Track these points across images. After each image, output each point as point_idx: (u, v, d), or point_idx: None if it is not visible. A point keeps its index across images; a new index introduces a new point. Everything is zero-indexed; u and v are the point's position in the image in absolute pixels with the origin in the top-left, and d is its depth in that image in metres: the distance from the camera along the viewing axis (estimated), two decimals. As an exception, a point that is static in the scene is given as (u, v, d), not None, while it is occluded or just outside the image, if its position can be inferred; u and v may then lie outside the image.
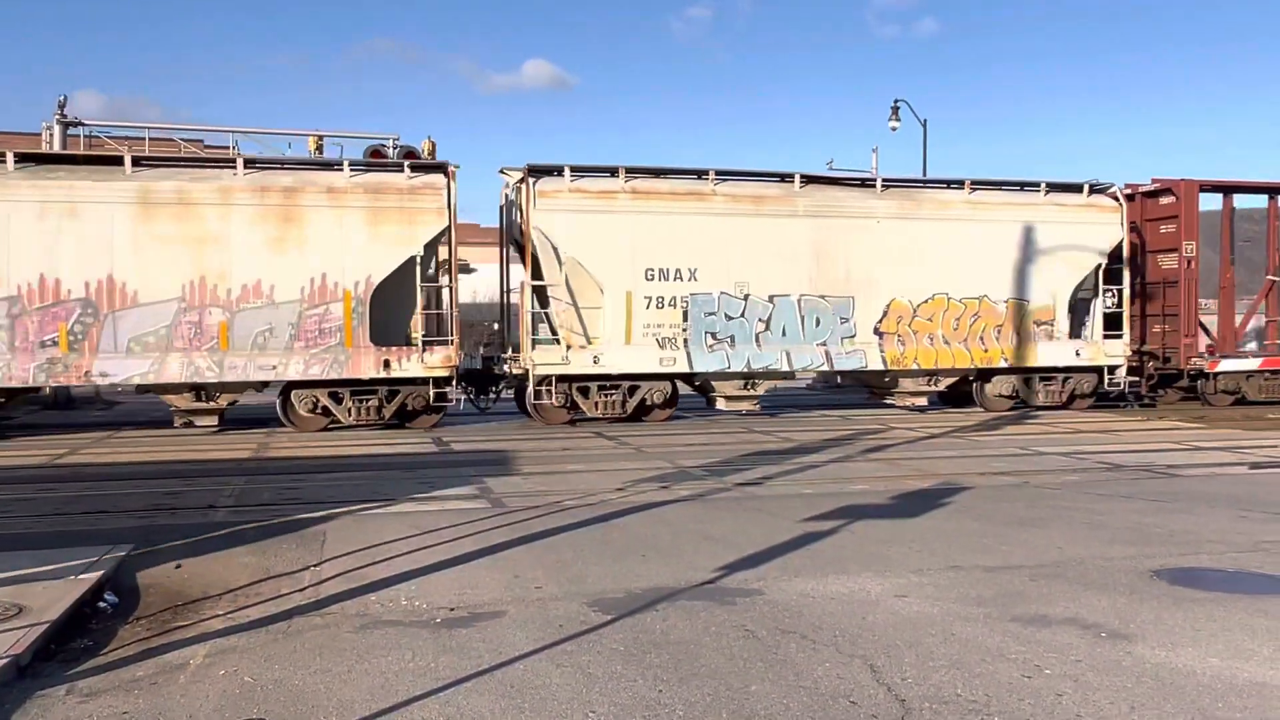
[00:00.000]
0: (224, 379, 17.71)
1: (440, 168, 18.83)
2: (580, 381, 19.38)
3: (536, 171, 19.13)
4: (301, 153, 20.03)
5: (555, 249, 19.03)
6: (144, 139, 20.40)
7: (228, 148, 21.41)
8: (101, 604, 6.73)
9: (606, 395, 19.51)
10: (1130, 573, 7.52)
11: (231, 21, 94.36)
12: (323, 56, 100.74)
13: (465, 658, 5.69)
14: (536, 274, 19.11)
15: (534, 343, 18.99)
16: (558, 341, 19.19)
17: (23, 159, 17.38)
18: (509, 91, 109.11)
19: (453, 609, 6.65)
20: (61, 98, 19.66)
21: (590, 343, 19.28)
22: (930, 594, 6.96)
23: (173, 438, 17.65)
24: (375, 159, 19.40)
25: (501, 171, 19.99)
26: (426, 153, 20.43)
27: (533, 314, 19.11)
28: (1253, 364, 23.04)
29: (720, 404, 20.45)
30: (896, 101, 37.06)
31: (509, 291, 20.97)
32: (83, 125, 20.30)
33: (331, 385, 18.26)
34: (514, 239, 20.31)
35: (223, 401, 18.18)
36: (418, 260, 18.34)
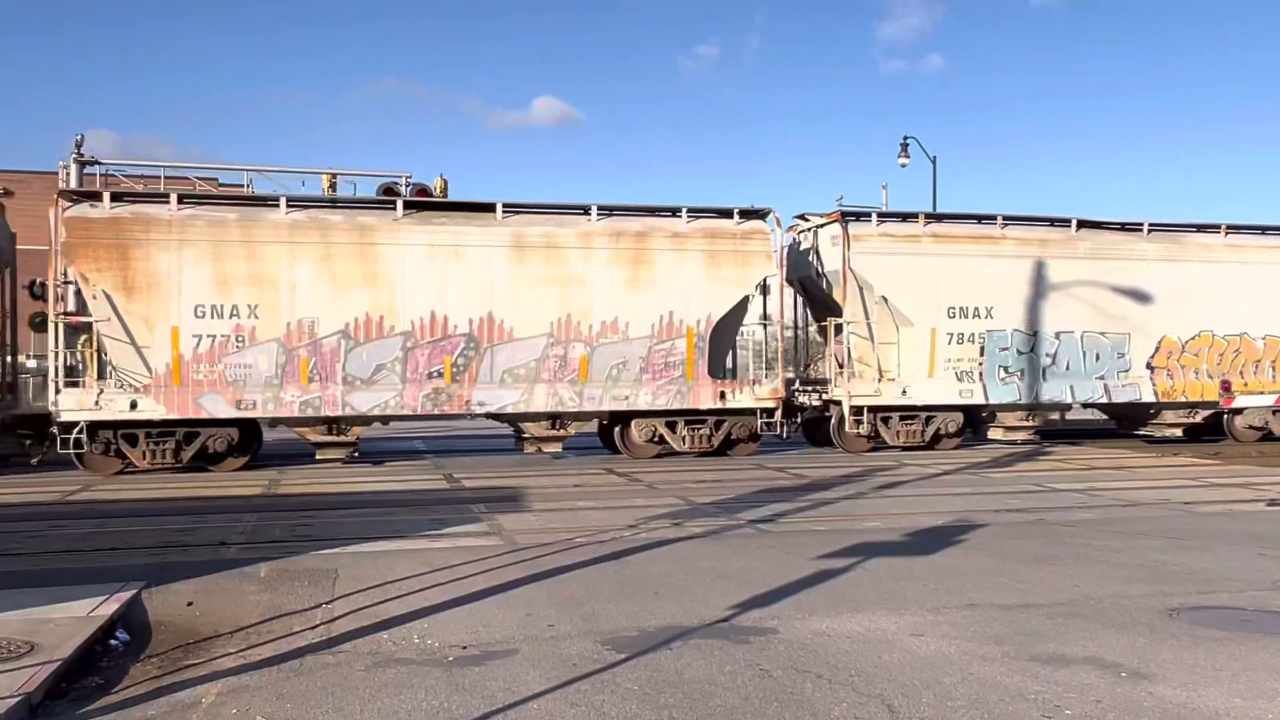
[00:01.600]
0: (582, 408, 19.30)
1: (764, 214, 20.28)
2: (885, 412, 20.74)
3: (848, 216, 20.82)
4: (315, 190, 20.17)
5: (862, 289, 20.52)
6: (159, 177, 20.56)
7: (242, 185, 21.66)
8: (113, 642, 6.71)
9: (907, 425, 20.92)
10: (1149, 611, 7.44)
11: (243, 62, 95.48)
12: (333, 95, 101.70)
13: (478, 697, 5.64)
14: (834, 312, 20.81)
15: (833, 376, 20.89)
16: (853, 374, 20.61)
17: (410, 206, 18.88)
18: (517, 128, 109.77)
19: (465, 647, 6.60)
20: (78, 136, 19.85)
21: (884, 376, 20.70)
22: (947, 632, 6.89)
23: (184, 476, 17.65)
24: (709, 208, 20.30)
25: (800, 217, 21.48)
26: (439, 190, 20.55)
27: (845, 350, 20.63)
28: None
29: (996, 434, 21.93)
30: (906, 138, 37.15)
31: (802, 327, 22.59)
32: (99, 164, 20.49)
33: (668, 415, 19.73)
34: (800, 278, 21.76)
35: (572, 430, 19.71)
36: (750, 300, 20.19)
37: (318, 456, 18.85)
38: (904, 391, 20.62)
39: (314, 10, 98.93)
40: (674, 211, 19.88)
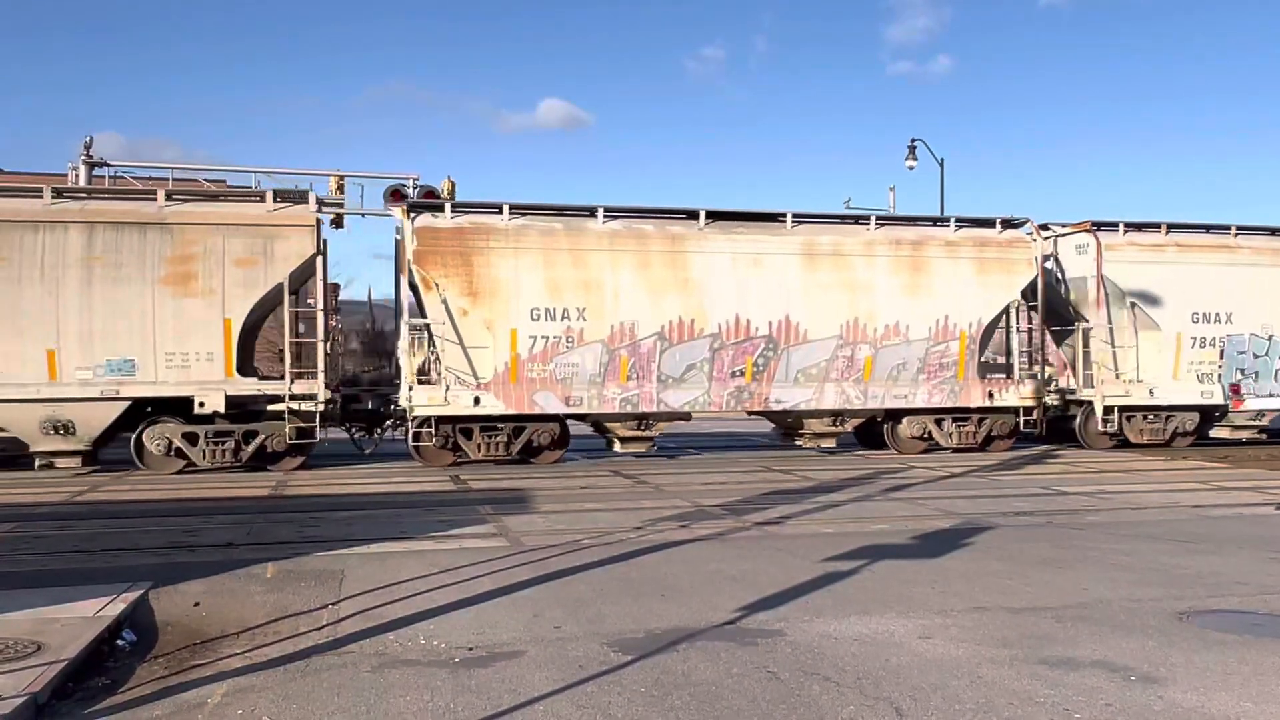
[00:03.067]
0: (866, 406, 20.53)
1: (1021, 224, 21.41)
2: (1131, 411, 22.02)
3: (1099, 227, 21.86)
4: (322, 191, 20.18)
5: (1109, 295, 21.65)
6: (168, 179, 20.58)
7: (249, 187, 21.70)
8: (120, 642, 6.70)
9: (1150, 423, 22.20)
10: (1159, 615, 7.40)
11: (250, 64, 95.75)
12: (340, 97, 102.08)
13: (484, 698, 5.63)
14: (1064, 318, 22.08)
15: (1088, 379, 21.71)
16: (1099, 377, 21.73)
17: (711, 216, 20.01)
18: (525, 131, 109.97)
19: (471, 649, 6.59)
20: (88, 138, 19.85)
21: (1123, 377, 21.90)
22: (955, 635, 6.86)
23: (190, 476, 17.66)
24: (973, 218, 21.36)
25: (1042, 228, 21.90)
26: (446, 192, 20.51)
27: (1092, 353, 21.65)
28: None
29: (1223, 432, 23.06)
30: (913, 141, 37.26)
31: (1030, 331, 22.74)
32: (108, 165, 20.50)
33: (935, 413, 20.90)
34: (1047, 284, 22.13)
35: (849, 425, 21.15)
36: (1014, 305, 21.28)
37: (619, 450, 20.02)
38: (1151, 392, 21.91)
39: (322, 13, 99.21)
40: (943, 221, 21.45)
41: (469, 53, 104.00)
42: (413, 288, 18.84)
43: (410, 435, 18.61)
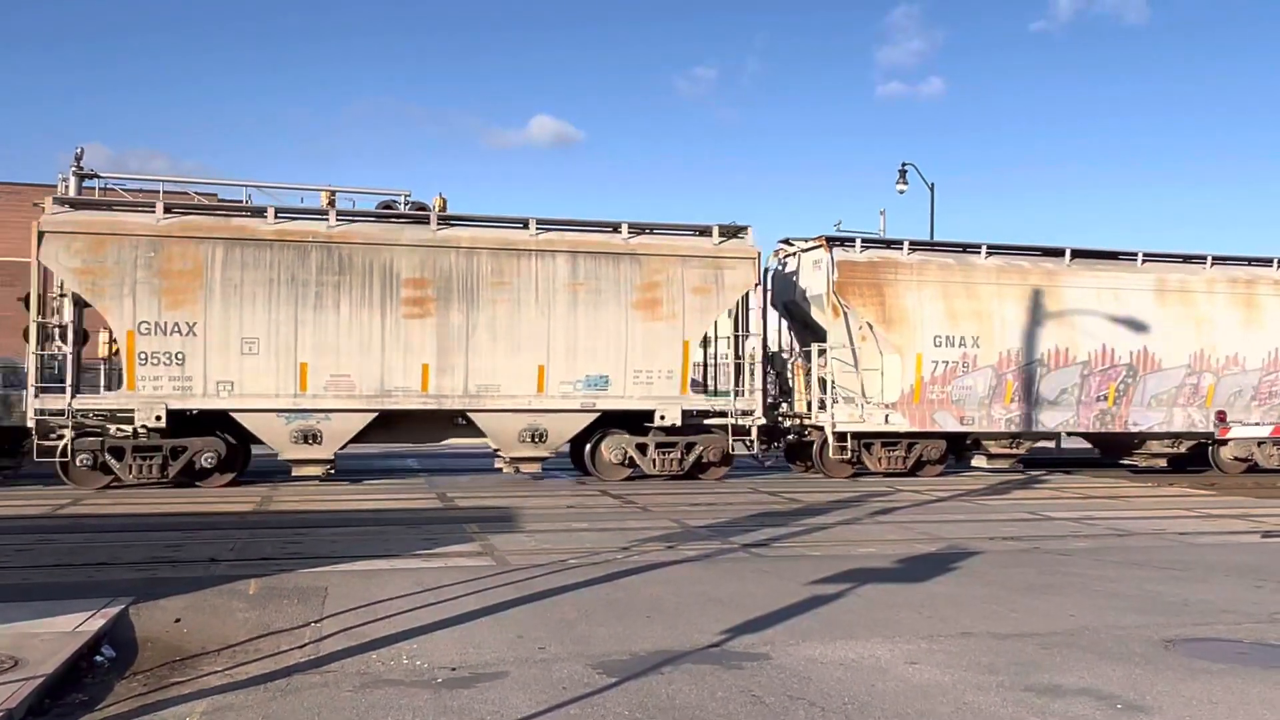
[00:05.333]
0: (1208, 429, 22.50)
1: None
2: None
3: None
4: (314, 204, 20.14)
5: None
6: (158, 191, 20.49)
7: (240, 200, 21.67)
8: (99, 658, 6.63)
9: None
10: (1144, 642, 7.39)
11: (239, 76, 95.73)
12: (330, 111, 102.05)
13: (466, 719, 5.57)
14: None
15: None
16: None
17: (1074, 255, 22.20)
18: (515, 147, 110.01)
19: (454, 669, 6.53)
20: (78, 149, 19.77)
21: None
22: (941, 661, 6.83)
23: (172, 491, 17.55)
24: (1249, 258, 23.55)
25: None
26: (437, 207, 20.51)
27: None
28: None
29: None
30: (904, 165, 37.37)
31: None
32: (98, 177, 20.43)
33: (1259, 438, 22.78)
34: None
35: (1183, 447, 23.07)
36: None
37: (983, 465, 22.43)
38: None
39: (312, 26, 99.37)
40: (1266, 262, 23.37)
41: (460, 69, 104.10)
42: (812, 316, 21.30)
43: (828, 447, 20.69)
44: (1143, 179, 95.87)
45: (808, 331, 21.99)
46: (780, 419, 21.55)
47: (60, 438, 17.11)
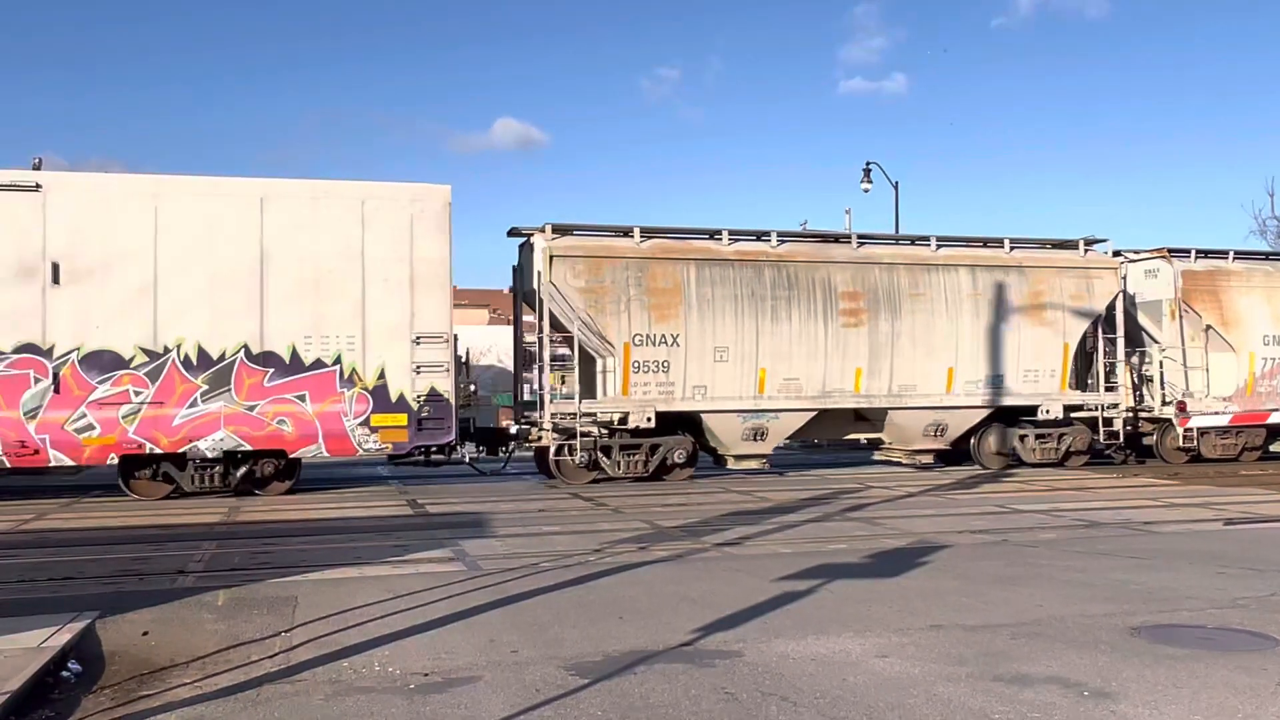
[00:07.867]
0: None
1: None
2: None
3: None
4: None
5: None
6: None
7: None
8: (65, 673, 6.55)
9: None
10: (1111, 630, 7.48)
11: (195, 82, 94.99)
12: (290, 117, 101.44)
13: (439, 724, 5.56)
14: None
15: None
16: None
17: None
18: (479, 151, 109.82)
19: (427, 674, 6.51)
20: (36, 159, 19.56)
21: None
22: (912, 654, 6.89)
23: (136, 502, 17.35)
24: None
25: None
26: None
27: None
28: None
29: None
30: (869, 164, 37.56)
31: None
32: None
33: None
34: None
35: None
36: None
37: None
38: None
39: (270, 31, 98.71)
40: None
41: (421, 74, 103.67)
42: (1139, 319, 23.33)
43: (1167, 438, 23.13)
44: (1107, 169, 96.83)
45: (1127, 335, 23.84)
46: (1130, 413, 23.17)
47: (538, 439, 19.55)
